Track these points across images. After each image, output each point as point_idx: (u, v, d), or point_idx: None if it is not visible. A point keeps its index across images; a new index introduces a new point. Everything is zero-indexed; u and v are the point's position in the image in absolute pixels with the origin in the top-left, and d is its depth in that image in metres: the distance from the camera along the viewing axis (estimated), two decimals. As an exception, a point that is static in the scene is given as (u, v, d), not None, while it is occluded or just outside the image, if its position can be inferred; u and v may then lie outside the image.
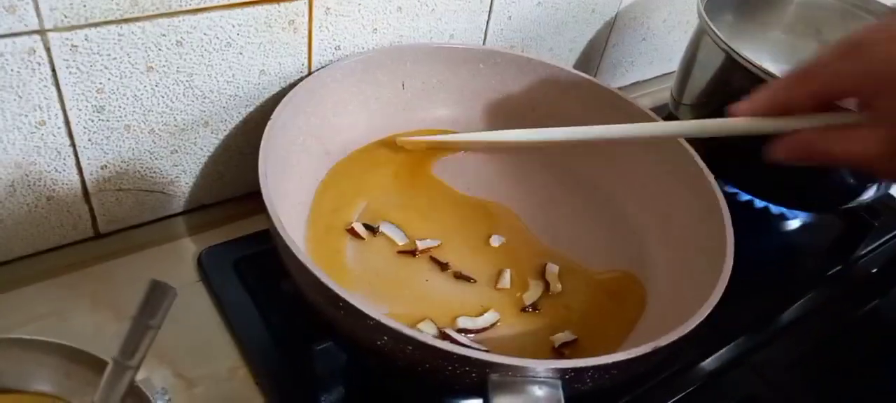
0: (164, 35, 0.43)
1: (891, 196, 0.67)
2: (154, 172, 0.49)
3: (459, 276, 0.49)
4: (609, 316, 0.49)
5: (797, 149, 0.39)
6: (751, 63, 0.53)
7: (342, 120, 0.54)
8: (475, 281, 0.49)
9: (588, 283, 0.51)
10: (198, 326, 0.47)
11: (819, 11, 0.67)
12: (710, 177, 0.50)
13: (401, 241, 0.51)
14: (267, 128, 0.44)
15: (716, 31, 0.55)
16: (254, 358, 0.45)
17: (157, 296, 0.28)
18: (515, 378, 0.35)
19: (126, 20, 0.41)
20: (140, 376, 0.41)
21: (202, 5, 0.43)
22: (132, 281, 0.48)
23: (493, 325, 0.47)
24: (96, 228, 0.50)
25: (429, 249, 0.50)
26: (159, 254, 0.51)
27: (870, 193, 0.57)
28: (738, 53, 0.54)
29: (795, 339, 0.55)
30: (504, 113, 0.60)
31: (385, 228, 0.51)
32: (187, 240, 0.52)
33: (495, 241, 0.52)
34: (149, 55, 0.44)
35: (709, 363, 0.51)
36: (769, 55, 0.67)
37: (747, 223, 0.63)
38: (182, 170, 0.51)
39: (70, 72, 0.41)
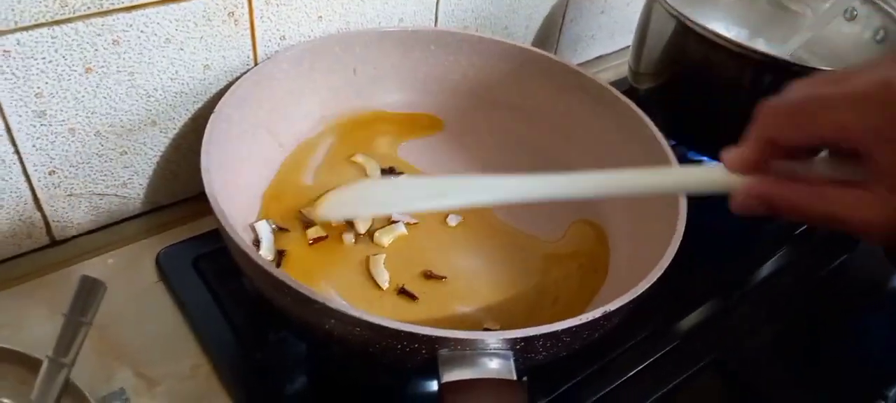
0: (99, 35, 0.43)
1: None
2: (105, 175, 0.49)
3: (431, 275, 0.49)
4: (570, 285, 0.49)
5: (786, 204, 0.30)
6: (702, 28, 0.53)
7: (294, 109, 0.54)
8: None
9: (546, 254, 0.51)
10: (159, 326, 0.47)
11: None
12: (665, 145, 0.50)
13: (363, 227, 0.51)
14: (210, 121, 0.43)
15: (665, -3, 0.55)
16: (216, 355, 0.45)
17: (87, 292, 0.28)
18: (465, 352, 0.34)
19: (58, 22, 0.41)
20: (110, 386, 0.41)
21: (136, 3, 0.43)
22: (89, 285, 0.48)
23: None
24: (51, 235, 0.50)
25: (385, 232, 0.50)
26: (117, 257, 0.50)
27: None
28: (688, 19, 0.54)
29: (764, 299, 0.55)
30: (460, 94, 0.60)
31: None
32: (146, 242, 0.52)
33: (453, 221, 0.52)
34: (86, 56, 0.43)
35: (679, 326, 0.52)
36: (720, 19, 0.67)
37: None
38: (134, 171, 0.50)
39: (5, 78, 0.41)
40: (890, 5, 0.60)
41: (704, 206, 0.46)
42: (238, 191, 0.48)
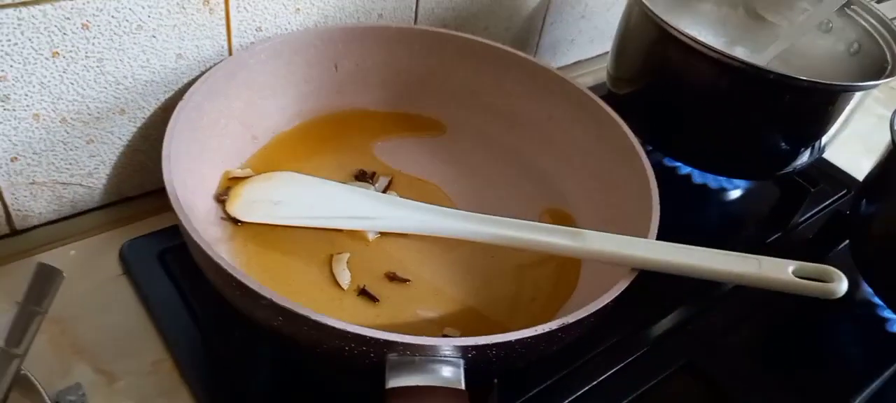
0: (68, 18, 0.42)
1: (826, 162, 0.67)
2: (70, 164, 0.48)
3: (394, 278, 0.48)
4: (543, 292, 0.48)
5: None
6: (682, 34, 0.53)
7: (270, 103, 0.53)
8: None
9: (519, 260, 0.50)
10: (120, 320, 0.45)
11: (751, -18, 0.68)
12: (641, 151, 0.50)
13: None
14: (177, 108, 0.42)
15: (645, 2, 0.55)
16: (178, 350, 0.44)
17: (43, 281, 0.27)
18: (414, 358, 0.34)
19: (25, 3, 0.40)
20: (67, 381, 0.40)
21: (107, -14, 0.42)
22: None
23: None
24: (12, 225, 0.48)
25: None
26: (80, 249, 0.49)
27: (804, 158, 0.58)
28: (668, 24, 0.54)
29: (736, 305, 0.55)
30: (442, 95, 0.59)
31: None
32: (110, 234, 0.50)
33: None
34: (53, 40, 0.42)
35: (650, 332, 0.51)
36: (701, 26, 0.67)
37: (687, 195, 0.64)
38: (100, 160, 0.49)
39: (-34, 60, 0.40)
40: (865, 19, 0.61)
41: (676, 210, 0.46)
42: (202, 181, 0.47)
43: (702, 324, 0.53)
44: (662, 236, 0.44)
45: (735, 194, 0.65)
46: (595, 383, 0.47)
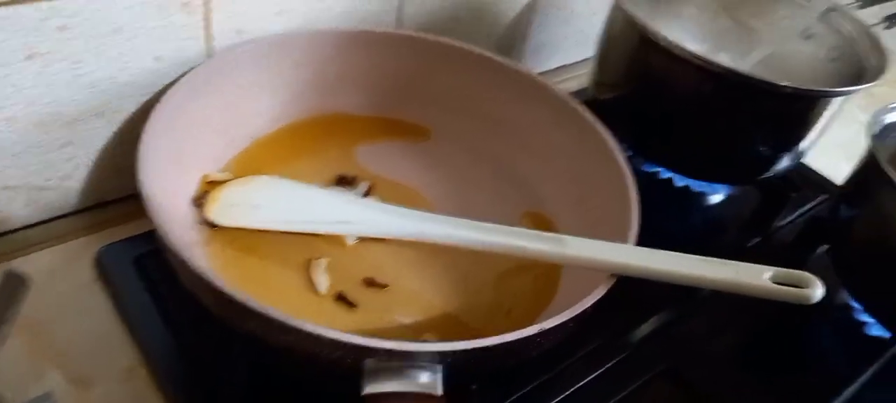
0: (44, 19, 0.41)
1: (806, 166, 0.68)
2: (45, 167, 0.47)
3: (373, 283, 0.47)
4: (524, 297, 0.48)
5: None
6: (664, 39, 0.53)
7: (250, 106, 0.53)
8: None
9: (500, 266, 0.50)
10: (94, 327, 0.44)
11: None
12: (621, 156, 0.50)
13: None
14: (153, 111, 0.42)
15: (628, 8, 0.55)
16: (153, 357, 0.43)
17: (9, 288, 0.26)
18: (392, 363, 0.33)
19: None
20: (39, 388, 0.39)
21: (83, -12, 0.41)
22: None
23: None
24: (-16, 229, 0.47)
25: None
26: (55, 254, 0.48)
27: (784, 163, 0.58)
28: (651, 30, 0.54)
29: (717, 309, 0.55)
30: (427, 100, 0.59)
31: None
32: (86, 239, 0.50)
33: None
34: (28, 41, 0.41)
35: (631, 336, 0.51)
36: (684, 31, 0.67)
37: (668, 201, 0.64)
38: (77, 164, 0.48)
39: (-62, 61, 0.39)
40: (845, 26, 0.61)
41: (657, 215, 0.46)
42: (180, 184, 0.46)
43: (682, 329, 0.53)
44: (643, 241, 0.44)
45: (716, 199, 0.65)
46: (575, 388, 0.47)
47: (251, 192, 0.48)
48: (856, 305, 0.56)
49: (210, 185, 0.49)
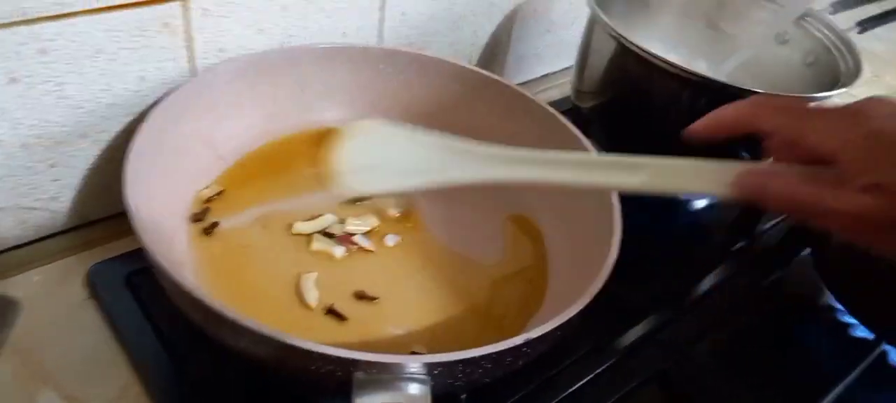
0: (23, 43, 0.41)
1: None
2: (32, 189, 0.47)
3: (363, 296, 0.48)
4: (512, 308, 0.49)
5: (778, 192, 0.33)
6: (641, 49, 0.54)
7: (236, 123, 0.53)
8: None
9: (489, 277, 0.51)
10: (87, 345, 0.45)
11: (709, -3, 0.69)
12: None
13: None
14: (137, 131, 0.42)
15: (605, 19, 0.56)
16: (147, 375, 0.44)
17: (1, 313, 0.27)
18: (381, 376, 0.34)
19: (-22, 30, 0.40)
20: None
21: (64, 11, 0.42)
22: (12, 303, 0.45)
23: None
24: (-27, 251, 0.47)
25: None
26: (45, 274, 0.48)
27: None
28: (627, 40, 0.55)
29: (704, 313, 0.56)
30: (410, 113, 0.59)
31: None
32: (75, 258, 0.50)
33: (390, 241, 0.52)
34: (9, 65, 0.42)
35: (620, 341, 0.52)
36: (661, 39, 0.68)
37: (652, 205, 0.64)
38: (63, 184, 0.49)
39: (-78, 87, 0.39)
40: (820, 31, 0.62)
41: (641, 220, 0.47)
42: (168, 203, 0.47)
43: (669, 334, 0.53)
44: (627, 246, 0.45)
45: (700, 204, 0.66)
46: (565, 394, 0.47)
47: (365, 151, 0.42)
48: (839, 306, 0.57)
49: (324, 149, 0.42)
